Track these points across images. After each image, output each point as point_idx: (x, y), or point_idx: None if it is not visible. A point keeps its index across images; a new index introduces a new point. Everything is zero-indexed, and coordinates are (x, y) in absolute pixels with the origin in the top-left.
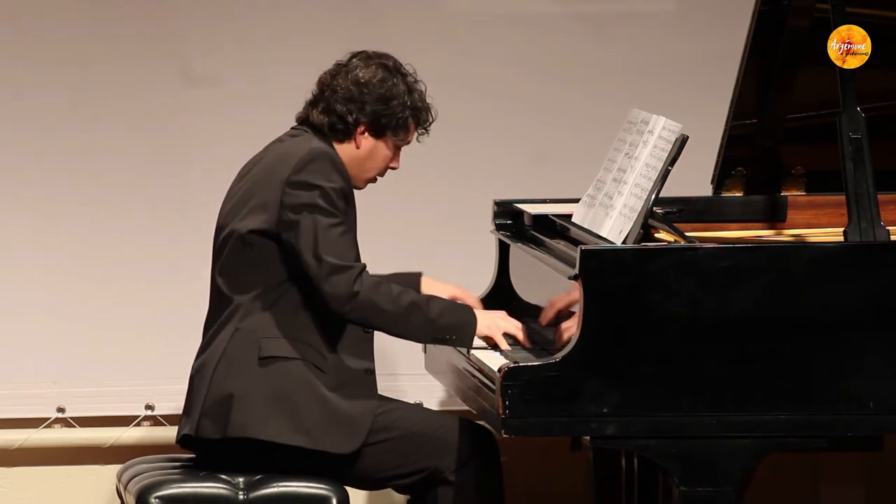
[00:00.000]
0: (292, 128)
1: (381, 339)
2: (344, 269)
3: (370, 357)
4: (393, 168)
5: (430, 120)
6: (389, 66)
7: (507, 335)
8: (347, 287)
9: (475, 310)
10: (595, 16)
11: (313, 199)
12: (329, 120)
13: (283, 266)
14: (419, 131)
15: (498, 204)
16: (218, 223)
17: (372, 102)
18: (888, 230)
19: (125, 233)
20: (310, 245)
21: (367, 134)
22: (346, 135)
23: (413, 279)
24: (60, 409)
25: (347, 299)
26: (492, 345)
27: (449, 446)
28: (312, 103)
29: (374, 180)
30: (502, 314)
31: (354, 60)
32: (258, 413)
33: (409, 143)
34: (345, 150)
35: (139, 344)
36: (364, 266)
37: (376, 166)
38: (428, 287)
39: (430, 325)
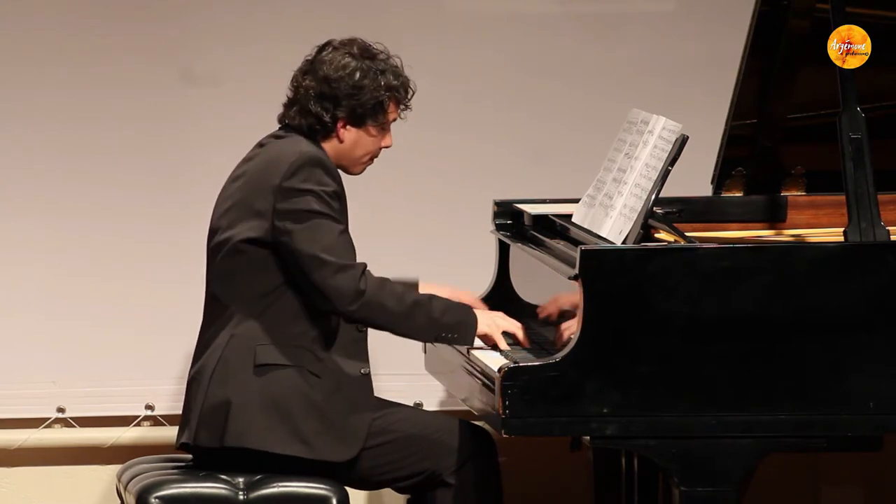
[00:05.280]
0: (278, 129)
1: (380, 338)
2: (347, 267)
3: (365, 358)
4: (386, 147)
5: (409, 94)
6: (356, 53)
7: (506, 334)
8: (353, 285)
9: (475, 309)
10: (595, 16)
11: (308, 204)
12: (307, 122)
13: (277, 272)
14: (401, 107)
15: (498, 204)
16: (211, 226)
17: (344, 96)
18: (888, 230)
19: (125, 232)
20: (310, 248)
21: (347, 127)
22: (328, 132)
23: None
24: (60, 409)
25: (354, 298)
26: (491, 344)
27: (447, 448)
28: (289, 105)
29: (370, 163)
30: (501, 314)
31: (322, 54)
32: (255, 422)
33: (394, 121)
34: (330, 147)
35: (139, 344)
36: (365, 265)
37: (367, 152)
38: (426, 291)
39: (433, 323)
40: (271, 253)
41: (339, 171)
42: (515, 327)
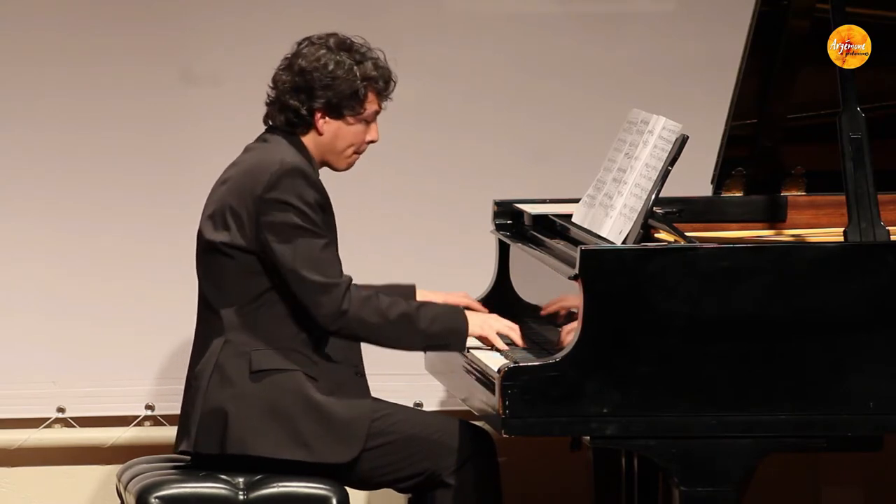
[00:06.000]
0: (263, 132)
1: None
2: (329, 287)
3: (359, 359)
4: (372, 141)
5: (389, 85)
6: (331, 45)
7: (501, 335)
8: (335, 306)
9: (466, 312)
10: (595, 16)
11: (290, 218)
12: (286, 116)
13: (265, 277)
14: (382, 98)
15: (498, 204)
16: (199, 227)
17: (320, 87)
18: (888, 230)
19: (125, 232)
20: (292, 265)
21: (326, 118)
22: (307, 125)
23: (407, 291)
24: (60, 409)
25: (336, 318)
26: (489, 345)
27: (446, 449)
28: (270, 103)
29: (355, 157)
30: (494, 316)
31: (298, 49)
32: (255, 428)
33: (377, 112)
34: (311, 140)
35: (139, 344)
36: (350, 280)
37: (349, 144)
38: (423, 298)
39: (420, 335)
40: (257, 259)
41: (327, 169)
42: (509, 327)
